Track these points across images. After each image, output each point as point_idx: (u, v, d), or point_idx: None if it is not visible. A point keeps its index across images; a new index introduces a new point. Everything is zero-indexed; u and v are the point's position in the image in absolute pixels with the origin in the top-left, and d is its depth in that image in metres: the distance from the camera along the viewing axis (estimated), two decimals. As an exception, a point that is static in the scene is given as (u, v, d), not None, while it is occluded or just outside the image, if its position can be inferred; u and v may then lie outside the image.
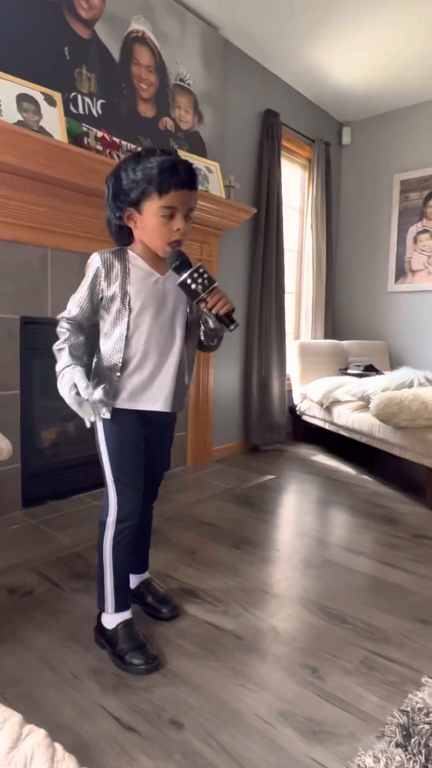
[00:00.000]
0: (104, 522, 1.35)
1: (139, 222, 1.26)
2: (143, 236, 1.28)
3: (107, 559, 1.34)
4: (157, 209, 1.21)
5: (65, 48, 2.27)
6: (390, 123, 4.12)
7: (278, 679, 1.27)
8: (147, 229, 1.25)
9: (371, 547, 2.05)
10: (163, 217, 1.22)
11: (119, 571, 1.35)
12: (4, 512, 2.22)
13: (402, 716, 1.11)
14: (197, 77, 2.93)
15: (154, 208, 1.22)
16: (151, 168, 1.19)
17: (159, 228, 1.23)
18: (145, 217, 1.24)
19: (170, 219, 1.23)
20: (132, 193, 1.22)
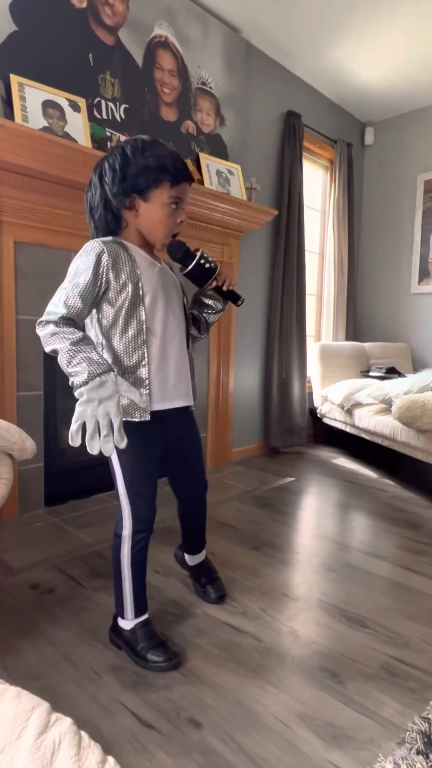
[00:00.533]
0: (120, 535, 1.31)
1: (143, 210, 1.20)
2: (143, 225, 1.22)
3: (125, 570, 1.31)
4: (167, 199, 1.19)
5: (89, 54, 2.31)
6: (413, 122, 4.07)
7: (297, 682, 1.26)
8: (151, 218, 1.21)
9: (392, 551, 2.02)
10: (171, 207, 1.20)
11: (138, 580, 1.33)
12: (27, 510, 2.26)
13: (423, 723, 1.10)
14: (219, 80, 2.95)
15: (163, 197, 1.19)
16: (165, 157, 1.17)
17: (165, 218, 1.21)
18: (151, 205, 1.20)
19: (175, 210, 1.21)
20: (140, 179, 1.17)
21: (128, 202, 1.20)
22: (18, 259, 2.14)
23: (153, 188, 1.18)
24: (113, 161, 1.19)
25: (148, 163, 1.16)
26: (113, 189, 1.19)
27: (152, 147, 1.18)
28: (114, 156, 1.19)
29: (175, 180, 1.18)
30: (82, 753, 0.48)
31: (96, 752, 0.49)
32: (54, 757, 0.48)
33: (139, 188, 1.18)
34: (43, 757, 0.48)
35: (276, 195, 3.49)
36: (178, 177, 1.18)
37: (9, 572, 1.76)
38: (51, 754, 0.48)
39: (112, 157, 1.19)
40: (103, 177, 1.20)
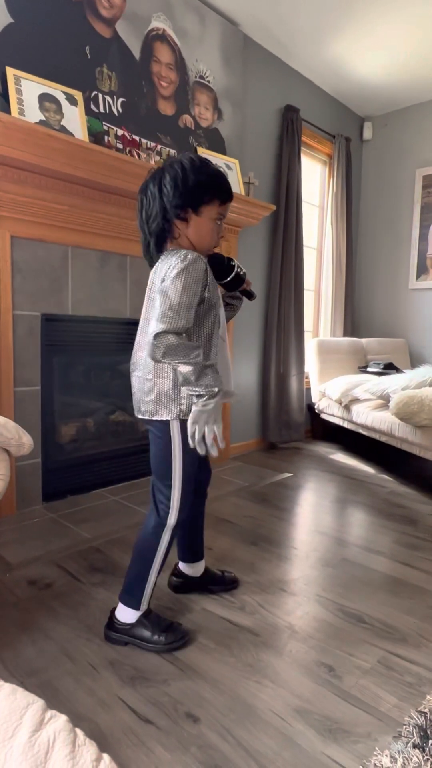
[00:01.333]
0: (164, 525, 1.34)
1: (194, 222, 1.31)
2: (192, 236, 1.32)
3: (159, 559, 1.35)
4: (215, 215, 1.31)
5: (86, 47, 2.29)
6: (412, 117, 4.05)
7: (294, 676, 1.27)
8: (201, 230, 1.31)
9: (390, 546, 2.03)
10: (216, 222, 1.33)
11: (160, 569, 1.37)
12: (25, 506, 2.26)
13: (420, 717, 1.10)
14: (217, 74, 2.93)
15: (213, 213, 1.31)
16: (218, 176, 1.30)
17: (212, 231, 1.33)
18: (201, 219, 1.30)
19: (219, 225, 1.34)
20: (196, 195, 1.27)
21: (182, 214, 1.29)
22: (15, 254, 2.13)
23: (206, 204, 1.29)
24: (174, 174, 1.27)
25: (204, 181, 1.27)
26: (172, 201, 1.27)
27: (207, 166, 1.30)
28: (174, 170, 1.28)
29: (224, 199, 1.32)
30: (76, 751, 0.48)
31: (91, 750, 0.49)
32: (48, 756, 0.48)
33: (195, 203, 1.28)
34: (37, 755, 0.48)
35: (274, 190, 3.47)
36: (226, 196, 1.32)
37: (7, 568, 1.76)
38: (45, 752, 0.48)
39: (173, 170, 1.28)
40: (163, 189, 1.28)
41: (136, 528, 2.13)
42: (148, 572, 1.35)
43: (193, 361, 1.19)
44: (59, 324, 2.33)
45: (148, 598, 1.37)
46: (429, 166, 3.98)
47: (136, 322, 2.67)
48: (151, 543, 1.35)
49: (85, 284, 2.40)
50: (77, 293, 2.37)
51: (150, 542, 1.35)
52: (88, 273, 2.41)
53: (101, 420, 2.70)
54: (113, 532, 2.07)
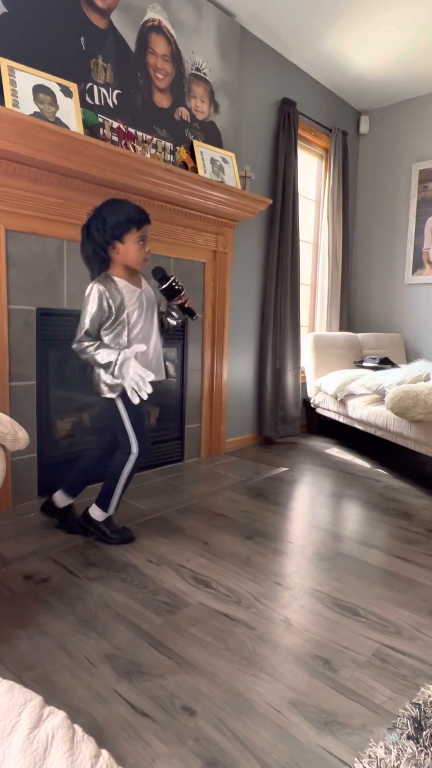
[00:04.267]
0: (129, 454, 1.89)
1: (122, 249, 1.78)
2: (124, 259, 1.79)
3: (123, 478, 1.89)
4: (136, 238, 1.77)
5: (81, 38, 2.27)
6: (408, 111, 4.04)
7: (290, 669, 1.27)
8: (128, 253, 1.78)
9: (385, 540, 2.04)
10: (140, 243, 1.78)
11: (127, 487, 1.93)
12: (20, 501, 2.26)
13: (414, 709, 1.12)
14: (213, 66, 2.90)
15: (133, 238, 1.76)
16: (129, 212, 1.74)
17: (137, 251, 1.79)
18: (126, 246, 1.77)
19: (143, 245, 1.79)
20: (116, 231, 1.74)
21: (111, 247, 1.77)
22: (9, 248, 2.11)
23: (125, 234, 1.75)
24: (96, 222, 1.75)
25: (120, 218, 1.73)
26: (100, 241, 1.76)
27: (119, 205, 1.74)
28: (97, 219, 1.75)
29: (140, 225, 1.76)
30: (75, 747, 0.48)
31: (90, 746, 0.49)
32: (47, 752, 0.48)
33: (117, 236, 1.75)
34: (35, 752, 0.48)
35: (270, 184, 3.46)
36: (139, 223, 1.76)
37: (3, 562, 1.76)
38: (44, 748, 0.48)
39: (96, 219, 1.75)
40: (91, 234, 1.77)
41: (132, 522, 2.13)
42: (115, 486, 1.90)
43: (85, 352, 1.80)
44: (55, 318, 2.32)
45: (114, 504, 1.92)
46: (425, 161, 3.97)
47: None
48: (119, 466, 1.89)
49: (80, 278, 2.38)
50: (72, 287, 2.36)
51: (119, 465, 1.89)
52: (83, 267, 2.38)
53: (97, 415, 2.70)
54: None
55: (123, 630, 1.41)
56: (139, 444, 1.89)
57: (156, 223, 2.62)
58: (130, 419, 1.88)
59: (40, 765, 0.47)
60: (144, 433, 1.91)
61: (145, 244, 1.79)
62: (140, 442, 1.89)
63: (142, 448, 1.89)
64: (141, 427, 1.90)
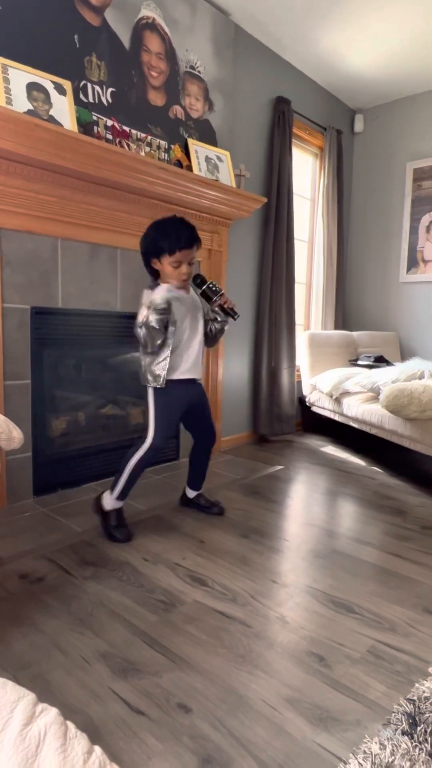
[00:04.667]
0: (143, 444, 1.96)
1: (159, 267, 1.91)
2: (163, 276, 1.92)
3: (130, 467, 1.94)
4: (172, 262, 1.86)
5: (75, 36, 2.26)
6: (403, 110, 4.05)
7: (285, 666, 1.28)
8: (164, 272, 1.90)
9: (379, 538, 2.05)
10: (174, 266, 1.87)
11: (133, 477, 1.96)
12: (16, 500, 2.25)
13: (408, 705, 1.12)
14: (208, 64, 2.90)
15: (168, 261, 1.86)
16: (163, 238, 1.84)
17: (172, 273, 1.89)
18: (162, 265, 1.90)
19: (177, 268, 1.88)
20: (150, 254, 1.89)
21: (153, 263, 1.92)
22: (3, 246, 2.11)
23: (160, 257, 1.87)
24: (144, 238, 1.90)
25: (156, 241, 1.86)
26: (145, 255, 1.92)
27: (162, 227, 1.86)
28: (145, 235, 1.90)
29: (171, 251, 1.84)
30: (68, 743, 0.48)
31: (82, 742, 0.49)
32: (39, 748, 0.48)
33: (155, 256, 1.89)
34: (28, 748, 0.48)
35: (265, 182, 3.46)
36: (173, 249, 1.84)
37: (-2, 562, 1.76)
38: (36, 745, 0.48)
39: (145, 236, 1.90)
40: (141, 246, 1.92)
41: (128, 521, 2.13)
42: (124, 470, 1.95)
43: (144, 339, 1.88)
44: (49, 317, 2.32)
45: (120, 488, 1.95)
46: (419, 159, 3.98)
47: (127, 315, 2.67)
48: (130, 453, 1.95)
49: (74, 277, 2.38)
50: (67, 286, 2.35)
51: (130, 453, 1.96)
52: (77, 266, 2.39)
53: (92, 413, 2.69)
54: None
55: (118, 628, 1.41)
56: (155, 437, 1.95)
57: (150, 221, 2.61)
58: (155, 411, 1.96)
59: (32, 761, 0.47)
60: (166, 430, 1.98)
61: (181, 266, 1.88)
62: (158, 435, 1.96)
63: (157, 441, 1.95)
64: (166, 423, 1.98)
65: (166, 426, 1.99)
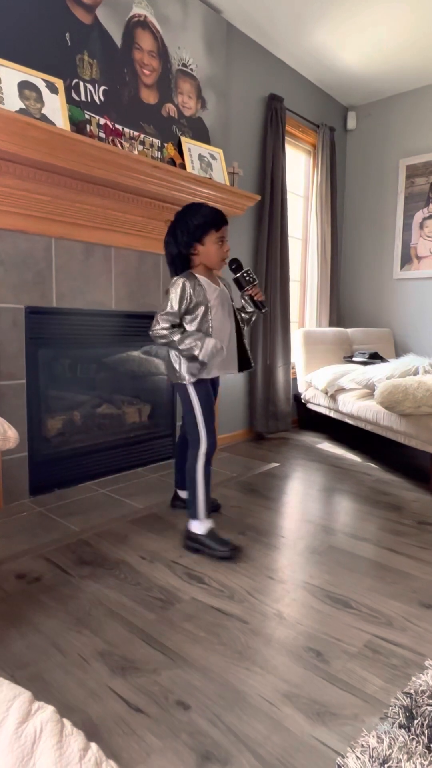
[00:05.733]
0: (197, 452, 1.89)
1: (202, 250, 1.86)
2: (204, 259, 1.88)
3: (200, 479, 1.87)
4: (216, 239, 1.85)
5: (66, 33, 2.25)
6: (395, 107, 4.06)
7: (283, 662, 1.29)
8: (208, 253, 1.87)
9: (376, 533, 2.06)
10: (218, 244, 1.86)
11: (208, 486, 1.89)
12: (12, 500, 2.25)
13: (405, 698, 1.13)
14: (200, 62, 2.90)
15: (213, 239, 1.85)
16: (207, 215, 1.83)
17: (217, 251, 1.87)
18: (206, 247, 1.86)
19: (222, 245, 1.88)
20: (197, 233, 1.83)
21: (192, 249, 1.86)
22: (-3, 246, 2.10)
23: (205, 236, 1.84)
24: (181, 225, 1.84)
25: (199, 222, 1.82)
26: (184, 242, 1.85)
27: (199, 208, 1.84)
28: (181, 222, 1.84)
29: (217, 227, 1.84)
30: (64, 741, 0.49)
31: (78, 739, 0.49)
32: (35, 746, 0.48)
33: (197, 238, 1.84)
34: (23, 746, 0.48)
35: (259, 180, 3.46)
36: (218, 225, 1.84)
37: (-6, 562, 1.75)
38: (32, 742, 0.49)
39: (181, 223, 1.84)
40: (177, 236, 1.85)
41: (124, 520, 2.13)
42: (196, 490, 1.88)
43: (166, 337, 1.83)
44: (44, 317, 2.31)
45: (202, 508, 1.88)
46: (412, 156, 3.99)
47: (122, 314, 2.67)
48: (192, 467, 1.88)
49: (69, 276, 2.37)
50: (61, 285, 2.35)
51: (191, 467, 1.88)
52: (71, 265, 2.38)
53: (88, 413, 2.69)
54: (101, 524, 2.08)
55: (116, 627, 1.42)
56: (208, 437, 1.89)
57: (144, 220, 2.62)
58: (200, 408, 1.88)
59: (28, 759, 0.47)
60: (212, 424, 1.91)
61: (224, 244, 1.87)
62: (209, 433, 1.89)
63: (211, 441, 1.89)
64: (211, 416, 1.91)
65: (212, 420, 1.91)
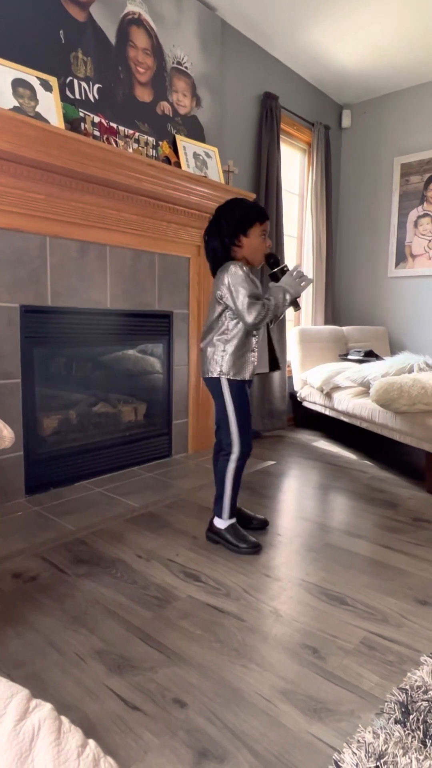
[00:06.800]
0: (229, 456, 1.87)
1: (246, 243, 1.82)
2: (246, 253, 1.84)
3: (229, 482, 1.87)
4: (260, 232, 1.83)
5: (60, 31, 2.24)
6: (390, 105, 4.06)
7: (279, 659, 1.29)
8: (251, 246, 1.83)
9: (371, 530, 2.07)
10: (262, 237, 1.84)
11: (235, 490, 1.89)
12: (8, 499, 2.25)
13: (401, 694, 1.14)
14: (195, 60, 2.89)
15: (257, 232, 1.82)
16: (251, 208, 1.82)
17: (260, 244, 1.84)
18: (250, 239, 1.82)
19: (264, 239, 1.84)
20: (242, 224, 1.80)
21: (236, 240, 1.82)
22: (-9, 245, 2.09)
23: (250, 228, 1.81)
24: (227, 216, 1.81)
25: (244, 213, 1.81)
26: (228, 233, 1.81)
27: (243, 203, 1.83)
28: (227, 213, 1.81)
29: (261, 220, 1.82)
30: (62, 737, 0.49)
31: (76, 736, 0.50)
32: (33, 743, 0.48)
33: (242, 230, 1.81)
34: (21, 743, 0.48)
35: (253, 178, 3.46)
36: (262, 218, 1.82)
37: (-10, 562, 1.75)
38: (30, 739, 0.49)
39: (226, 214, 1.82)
40: (221, 228, 1.82)
41: (121, 519, 2.13)
42: (224, 490, 1.88)
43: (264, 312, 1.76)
44: (39, 315, 2.30)
45: (228, 509, 1.88)
46: (407, 154, 4.00)
47: (117, 312, 2.67)
48: (223, 469, 1.88)
49: (64, 275, 2.37)
50: (56, 284, 2.34)
51: (222, 469, 1.88)
52: (67, 263, 2.37)
53: (84, 411, 2.69)
54: (98, 523, 2.07)
55: (113, 625, 1.42)
56: (242, 443, 1.85)
57: (139, 218, 2.61)
58: (235, 410, 1.84)
59: (26, 755, 0.47)
60: (249, 429, 1.87)
61: (266, 239, 1.85)
62: (244, 439, 1.85)
63: (244, 447, 1.85)
64: (248, 421, 1.87)
65: (248, 425, 1.86)
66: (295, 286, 1.82)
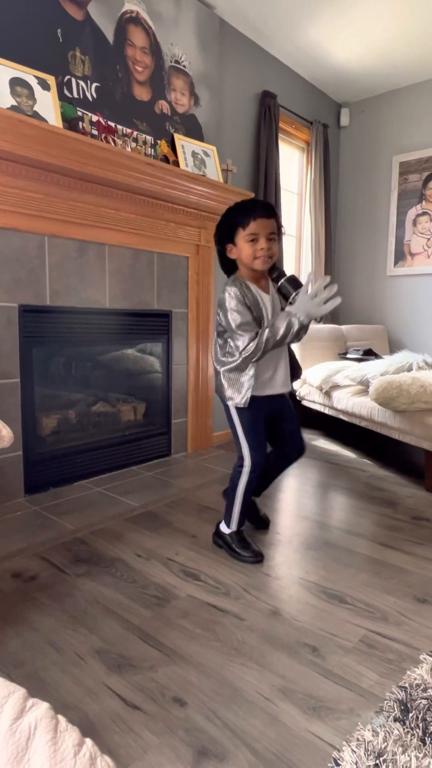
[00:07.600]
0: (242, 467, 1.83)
1: (236, 251, 1.73)
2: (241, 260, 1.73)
3: (240, 493, 1.83)
4: (247, 236, 1.67)
5: (58, 30, 2.24)
6: (388, 103, 4.06)
7: (279, 658, 1.29)
8: (242, 253, 1.71)
9: (371, 529, 2.07)
10: (251, 242, 1.67)
11: (246, 502, 1.85)
12: (7, 499, 2.24)
13: (400, 692, 1.14)
14: (193, 59, 2.89)
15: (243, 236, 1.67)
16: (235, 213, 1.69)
17: (250, 250, 1.68)
18: (239, 245, 1.70)
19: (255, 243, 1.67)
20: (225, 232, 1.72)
21: (226, 249, 1.75)
22: (-11, 244, 2.09)
23: (235, 235, 1.70)
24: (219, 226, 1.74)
25: (224, 219, 1.72)
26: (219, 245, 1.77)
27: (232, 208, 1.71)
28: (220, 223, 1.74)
29: (245, 223, 1.66)
30: (58, 737, 0.49)
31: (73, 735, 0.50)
32: (30, 742, 0.48)
33: (228, 237, 1.72)
34: (18, 742, 0.48)
35: (252, 177, 3.45)
36: (244, 222, 1.66)
37: (-10, 561, 1.75)
38: (26, 738, 0.49)
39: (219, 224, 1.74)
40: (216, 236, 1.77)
41: (120, 518, 2.13)
42: (234, 501, 1.85)
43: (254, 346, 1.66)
44: (38, 315, 2.30)
45: (236, 519, 1.85)
46: (405, 153, 4.00)
47: (116, 312, 2.66)
48: (235, 480, 1.84)
49: (62, 274, 2.36)
50: (55, 283, 2.34)
51: (234, 480, 1.84)
52: (65, 263, 2.37)
53: (83, 411, 2.69)
54: (97, 523, 2.07)
55: (112, 624, 1.42)
56: (252, 456, 1.80)
57: (138, 217, 2.61)
58: (243, 428, 1.79)
59: (23, 754, 0.47)
60: (260, 443, 1.81)
61: (258, 241, 1.66)
62: (255, 453, 1.80)
63: (256, 460, 1.80)
64: (259, 436, 1.81)
65: (260, 439, 1.81)
66: (308, 310, 1.64)
